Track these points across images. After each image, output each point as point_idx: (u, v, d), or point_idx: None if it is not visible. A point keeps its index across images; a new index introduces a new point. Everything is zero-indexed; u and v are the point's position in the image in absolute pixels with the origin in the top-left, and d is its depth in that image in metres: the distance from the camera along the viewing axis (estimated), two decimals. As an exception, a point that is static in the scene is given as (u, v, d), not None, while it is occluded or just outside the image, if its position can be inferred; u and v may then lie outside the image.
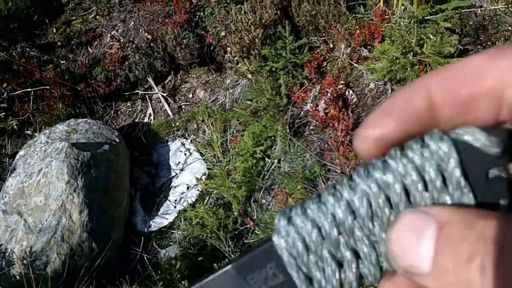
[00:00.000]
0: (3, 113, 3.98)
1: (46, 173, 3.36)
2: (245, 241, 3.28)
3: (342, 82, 3.17)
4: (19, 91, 4.09)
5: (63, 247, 3.16)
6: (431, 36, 2.77)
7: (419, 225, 0.31)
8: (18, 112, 4.06)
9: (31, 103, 4.11)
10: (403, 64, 2.81)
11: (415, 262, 0.31)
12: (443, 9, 2.72)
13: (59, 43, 4.50)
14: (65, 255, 3.14)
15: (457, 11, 2.88)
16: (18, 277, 3.01)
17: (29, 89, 4.12)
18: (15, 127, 4.00)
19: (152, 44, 4.20)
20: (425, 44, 2.76)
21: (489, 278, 0.28)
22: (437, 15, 2.70)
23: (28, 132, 4.10)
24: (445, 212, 0.32)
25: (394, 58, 2.82)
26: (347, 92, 3.13)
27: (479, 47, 2.88)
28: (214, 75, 4.28)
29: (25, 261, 3.05)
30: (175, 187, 3.91)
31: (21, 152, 3.62)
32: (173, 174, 3.99)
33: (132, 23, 4.45)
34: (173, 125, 4.18)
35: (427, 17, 2.71)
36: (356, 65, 3.25)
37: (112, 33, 4.37)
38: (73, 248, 3.18)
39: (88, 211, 3.28)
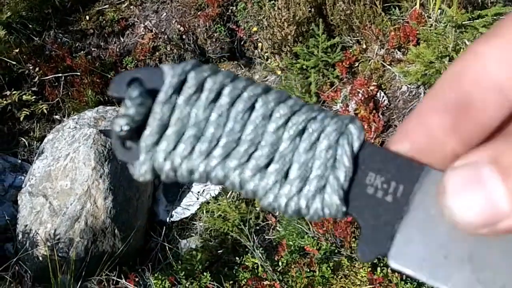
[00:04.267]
0: (34, 97, 4.03)
1: (73, 158, 3.40)
2: (266, 237, 3.28)
3: (374, 83, 3.15)
4: (50, 76, 4.13)
5: (87, 231, 3.19)
6: (467, 42, 2.74)
7: (471, 177, 0.30)
8: (48, 96, 4.11)
9: (61, 89, 4.16)
10: (438, 69, 2.78)
11: (493, 211, 0.29)
12: (483, 15, 2.69)
13: (91, 31, 4.54)
14: (88, 239, 3.17)
15: (496, 17, 2.84)
16: (41, 258, 3.05)
17: (60, 75, 4.17)
18: (45, 111, 4.04)
19: (183, 36, 4.22)
20: (462, 50, 2.73)
21: None
22: (476, 21, 2.67)
23: (57, 117, 4.15)
24: (485, 151, 0.30)
25: (429, 62, 2.79)
26: (378, 94, 3.11)
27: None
28: (243, 70, 4.28)
29: (49, 243, 3.09)
30: (199, 179, 3.92)
31: (50, 136, 3.66)
32: (197, 166, 4.00)
33: (165, 14, 4.47)
34: (200, 117, 4.19)
35: (465, 22, 2.68)
36: (389, 67, 3.23)
37: (145, 23, 4.40)
38: (96, 233, 3.21)
39: (112, 198, 3.31)
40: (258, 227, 3.36)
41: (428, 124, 0.32)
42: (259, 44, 3.85)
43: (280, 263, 2.45)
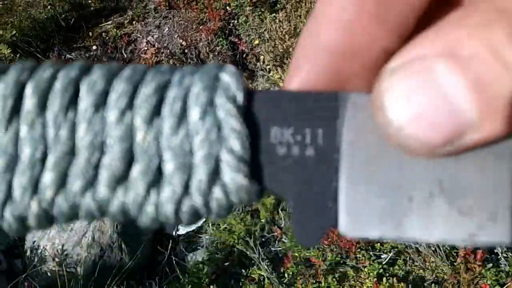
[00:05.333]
0: (39, 114, 4.07)
1: (79, 174, 3.43)
2: (272, 248, 3.30)
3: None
4: (55, 93, 4.18)
5: (94, 247, 3.22)
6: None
7: (419, 77, 0.21)
8: (54, 113, 4.15)
9: (66, 105, 4.20)
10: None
11: (455, 122, 0.20)
12: None
13: (94, 47, 4.59)
14: (95, 254, 3.20)
15: None
16: (50, 274, 3.07)
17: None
18: (50, 127, 4.08)
19: (186, 51, 4.26)
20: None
21: None
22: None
23: (62, 132, 4.19)
24: (434, 41, 0.21)
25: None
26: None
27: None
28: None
29: (57, 259, 3.12)
30: (204, 192, 3.94)
31: (56, 152, 3.70)
32: (202, 179, 4.02)
33: (167, 29, 4.52)
34: (204, 130, 4.22)
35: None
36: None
37: (148, 38, 4.45)
38: (103, 248, 3.24)
39: (119, 213, 3.33)
40: (263, 239, 3.38)
41: (341, 19, 0.24)
42: (261, 57, 3.89)
43: (286, 275, 2.47)
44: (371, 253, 2.34)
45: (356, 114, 0.24)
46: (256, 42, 4.04)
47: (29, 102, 0.23)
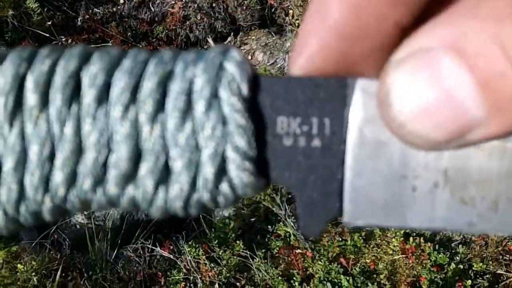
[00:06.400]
0: (68, 68, 4.09)
1: (107, 128, 3.46)
2: (298, 205, 3.29)
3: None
4: (83, 47, 4.18)
5: (122, 200, 3.26)
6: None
7: (423, 71, 0.20)
8: (82, 67, 4.17)
9: (94, 59, 4.20)
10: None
11: (460, 119, 0.20)
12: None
13: (121, 1, 4.55)
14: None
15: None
16: (79, 226, 3.14)
17: (92, 46, 4.20)
18: (79, 82, 4.10)
19: (213, 5, 4.19)
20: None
21: None
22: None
23: (91, 87, 4.21)
24: (438, 34, 0.20)
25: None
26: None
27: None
28: (274, 38, 4.24)
29: (85, 212, 3.18)
30: (231, 148, 3.94)
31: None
32: (229, 135, 4.02)
33: (194, -18, 4.44)
34: (231, 86, 4.19)
35: None
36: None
37: (175, -8, 4.38)
38: (131, 202, 3.28)
39: (146, 167, 3.36)
40: (290, 196, 3.37)
41: None
42: (290, 11, 3.80)
43: (311, 232, 2.46)
44: (398, 212, 2.31)
45: (363, 102, 0.24)
46: (285, -5, 3.94)
47: (31, 97, 0.22)
